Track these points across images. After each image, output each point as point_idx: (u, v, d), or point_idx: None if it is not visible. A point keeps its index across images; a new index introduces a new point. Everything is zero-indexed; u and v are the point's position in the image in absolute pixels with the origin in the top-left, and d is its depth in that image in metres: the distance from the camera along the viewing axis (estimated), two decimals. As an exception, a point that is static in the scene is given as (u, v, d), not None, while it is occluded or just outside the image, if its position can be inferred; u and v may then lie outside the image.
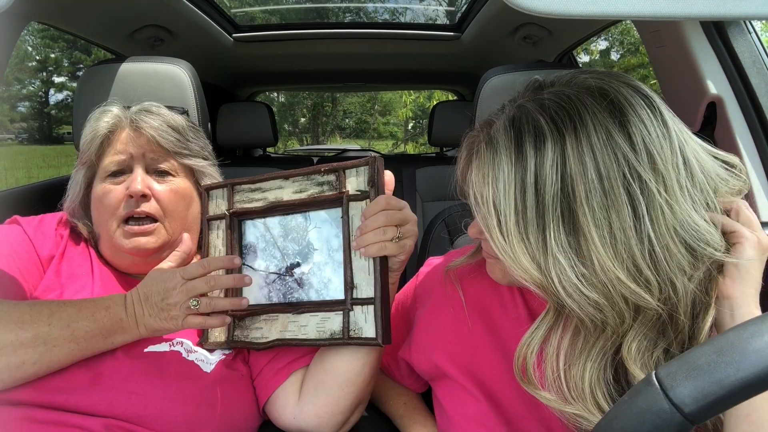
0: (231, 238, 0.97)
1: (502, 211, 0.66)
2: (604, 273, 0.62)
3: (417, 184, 2.67)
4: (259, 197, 0.95)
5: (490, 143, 0.69)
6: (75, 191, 1.07)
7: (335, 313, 0.90)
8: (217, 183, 1.02)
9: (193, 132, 1.11)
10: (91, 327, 0.86)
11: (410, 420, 1.02)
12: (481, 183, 0.69)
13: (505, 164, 0.66)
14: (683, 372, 0.46)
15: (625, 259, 0.62)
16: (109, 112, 1.06)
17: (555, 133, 0.65)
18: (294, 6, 5.36)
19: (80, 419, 0.86)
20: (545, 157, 0.64)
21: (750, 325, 0.48)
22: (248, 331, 0.96)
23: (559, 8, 0.54)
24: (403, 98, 18.37)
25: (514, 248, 0.65)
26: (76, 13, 1.76)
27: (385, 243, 0.84)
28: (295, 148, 14.03)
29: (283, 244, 0.95)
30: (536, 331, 0.69)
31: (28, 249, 1.00)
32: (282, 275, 0.95)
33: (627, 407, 0.48)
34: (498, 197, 0.66)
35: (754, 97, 1.21)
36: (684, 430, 0.45)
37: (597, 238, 0.62)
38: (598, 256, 0.62)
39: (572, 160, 0.63)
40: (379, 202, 0.85)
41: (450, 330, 0.92)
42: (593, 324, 0.64)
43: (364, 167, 0.88)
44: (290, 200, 0.92)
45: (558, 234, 0.63)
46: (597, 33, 2.24)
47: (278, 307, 0.95)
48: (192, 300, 0.87)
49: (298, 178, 0.92)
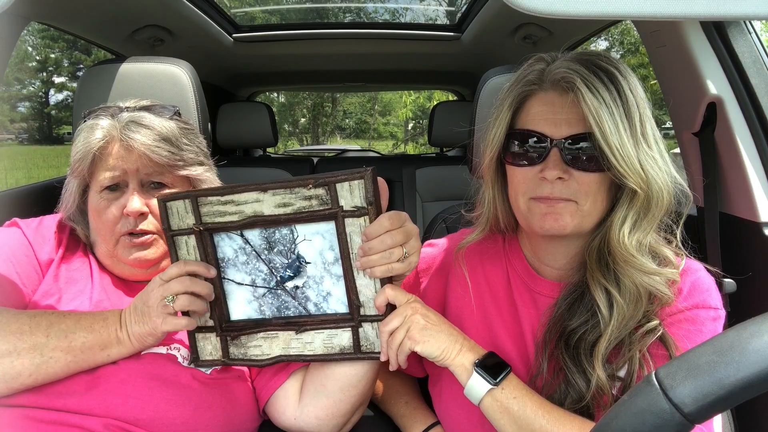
0: (205, 254, 0.90)
1: (613, 127, 0.80)
2: (663, 163, 0.84)
3: (417, 184, 2.67)
4: (233, 210, 0.87)
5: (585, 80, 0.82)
6: (70, 200, 1.05)
7: (343, 330, 0.89)
8: (174, 194, 0.92)
9: (186, 137, 1.06)
10: (88, 338, 0.87)
11: (411, 419, 1.02)
12: (597, 111, 0.81)
13: (604, 92, 0.81)
14: (683, 372, 0.46)
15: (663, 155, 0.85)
16: (99, 127, 1.01)
17: (616, 72, 0.83)
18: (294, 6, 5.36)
19: (80, 419, 0.86)
20: (621, 85, 0.82)
21: (750, 325, 0.48)
22: (246, 349, 0.94)
23: (560, 8, 0.54)
24: (403, 98, 18.38)
25: (629, 155, 0.81)
26: (76, 13, 1.76)
27: (392, 265, 0.83)
28: (295, 148, 14.01)
29: (268, 257, 0.90)
30: (624, 218, 0.85)
31: (27, 253, 0.99)
32: (273, 289, 0.91)
33: (627, 407, 0.48)
34: (608, 117, 0.81)
35: (754, 97, 1.21)
36: (684, 430, 0.45)
37: (652, 140, 0.83)
38: (659, 152, 0.84)
39: (635, 91, 0.83)
40: (382, 223, 0.82)
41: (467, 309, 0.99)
42: (658, 205, 0.84)
43: (358, 181, 0.81)
44: (273, 215, 0.85)
45: (643, 138, 0.82)
46: (597, 33, 2.24)
47: (277, 325, 0.92)
48: (168, 296, 0.86)
49: (279, 191, 0.84)
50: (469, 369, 0.83)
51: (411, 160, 2.94)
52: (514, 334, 0.95)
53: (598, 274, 0.87)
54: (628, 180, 0.81)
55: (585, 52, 0.89)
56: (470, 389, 0.83)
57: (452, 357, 0.84)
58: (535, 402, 0.83)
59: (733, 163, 1.23)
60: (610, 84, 0.81)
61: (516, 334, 0.95)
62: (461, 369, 0.84)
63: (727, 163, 1.25)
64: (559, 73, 0.84)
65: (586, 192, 0.85)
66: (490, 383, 0.82)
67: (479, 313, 0.98)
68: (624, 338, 0.85)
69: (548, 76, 0.87)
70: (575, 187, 0.85)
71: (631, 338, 0.85)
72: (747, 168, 1.20)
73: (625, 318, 0.84)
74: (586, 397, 0.84)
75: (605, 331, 0.84)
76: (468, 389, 0.83)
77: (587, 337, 0.86)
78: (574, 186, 0.85)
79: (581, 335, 0.87)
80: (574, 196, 0.85)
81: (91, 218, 1.04)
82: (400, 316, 0.85)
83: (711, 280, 0.89)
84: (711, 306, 0.86)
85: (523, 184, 0.88)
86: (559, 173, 0.84)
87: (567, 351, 0.87)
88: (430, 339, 0.84)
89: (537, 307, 0.95)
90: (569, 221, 0.86)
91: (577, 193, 0.85)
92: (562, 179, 0.84)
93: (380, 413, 1.08)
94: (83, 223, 1.07)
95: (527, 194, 0.88)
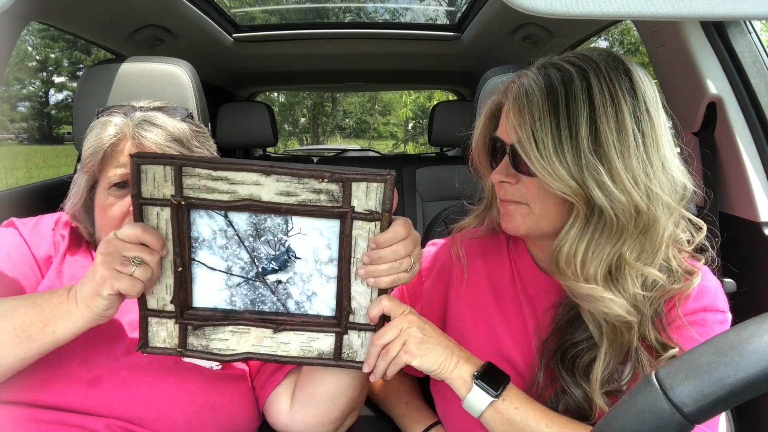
0: (179, 231, 0.78)
1: (539, 135, 0.80)
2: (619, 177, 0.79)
3: (417, 184, 2.67)
4: (225, 189, 0.76)
5: (523, 87, 0.83)
6: (77, 196, 1.05)
7: (325, 334, 0.83)
8: (155, 156, 0.79)
9: (198, 140, 1.06)
10: (29, 313, 0.80)
11: (411, 420, 1.02)
12: (518, 116, 0.82)
13: (539, 98, 0.81)
14: (683, 372, 0.46)
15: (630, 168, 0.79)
16: (111, 124, 1.01)
17: (579, 72, 0.81)
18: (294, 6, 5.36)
19: (81, 419, 0.86)
20: (575, 88, 0.80)
21: (750, 325, 0.48)
22: (208, 341, 0.84)
23: (560, 8, 0.54)
24: (403, 98, 18.39)
25: (552, 162, 0.79)
26: (76, 13, 1.76)
27: (399, 275, 0.79)
28: (295, 148, 14.03)
29: (252, 245, 0.81)
30: (568, 233, 0.83)
31: (23, 251, 0.99)
32: (251, 280, 0.82)
33: (627, 407, 0.48)
34: (535, 124, 0.80)
35: (754, 97, 1.21)
36: (684, 430, 0.45)
37: (614, 151, 0.79)
38: (615, 165, 0.79)
39: (595, 90, 0.80)
40: (398, 231, 0.77)
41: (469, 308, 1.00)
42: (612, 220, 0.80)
43: (377, 185, 0.75)
44: (271, 202, 0.76)
45: (590, 147, 0.79)
46: (597, 33, 2.24)
47: (249, 320, 0.83)
48: (134, 257, 0.75)
49: (285, 178, 0.75)
50: (469, 382, 0.82)
51: (411, 160, 2.94)
52: (517, 333, 0.95)
53: None
54: (555, 189, 0.80)
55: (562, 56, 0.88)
56: (470, 402, 0.82)
57: (449, 370, 0.83)
58: (537, 411, 0.82)
59: (733, 163, 1.24)
60: (558, 86, 0.81)
61: (519, 333, 0.95)
62: (460, 382, 0.82)
63: (727, 163, 1.25)
64: (512, 81, 0.88)
65: (533, 196, 0.85)
66: (491, 395, 0.81)
67: (481, 311, 0.99)
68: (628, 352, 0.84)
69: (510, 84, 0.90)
70: (523, 190, 0.86)
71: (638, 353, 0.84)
72: (747, 168, 1.21)
73: (611, 341, 0.83)
74: (583, 406, 0.84)
75: (599, 354, 0.83)
76: (467, 402, 0.82)
77: (583, 355, 0.86)
78: (522, 189, 0.86)
79: (577, 352, 0.86)
80: (524, 198, 0.87)
81: (97, 215, 1.04)
82: (395, 328, 0.82)
83: (717, 283, 0.89)
84: (719, 309, 0.86)
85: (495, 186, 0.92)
86: (501, 177, 0.88)
87: (563, 364, 0.87)
88: (427, 353, 0.82)
89: (542, 304, 0.95)
90: (521, 223, 0.88)
91: (526, 196, 0.86)
92: (509, 183, 0.87)
93: (380, 413, 1.08)
94: (87, 221, 1.07)
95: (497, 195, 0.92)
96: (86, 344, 0.89)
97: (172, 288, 0.81)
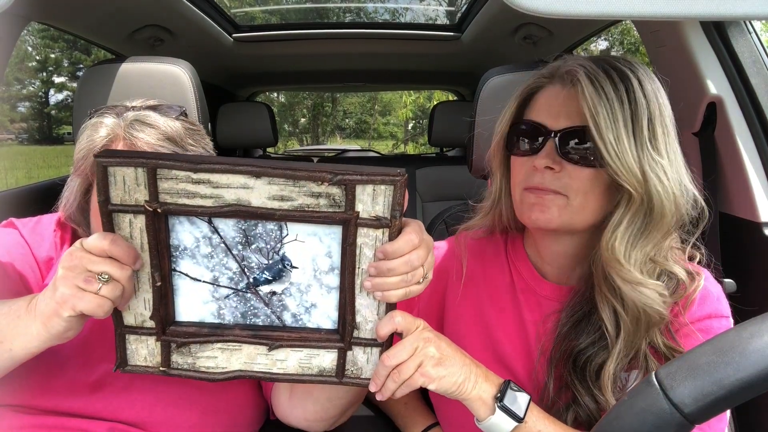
0: (156, 240, 0.69)
1: (613, 123, 0.80)
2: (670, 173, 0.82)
3: (417, 184, 2.67)
4: (207, 193, 0.66)
5: (589, 75, 0.82)
6: (70, 199, 1.03)
7: (327, 351, 0.76)
8: (124, 156, 0.66)
9: (192, 138, 1.04)
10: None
11: (411, 420, 1.03)
12: (595, 98, 0.81)
13: (608, 87, 0.81)
14: (683, 372, 0.46)
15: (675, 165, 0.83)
16: (103, 125, 0.99)
17: (633, 74, 0.83)
18: (294, 6, 5.36)
19: (84, 423, 0.85)
20: (633, 84, 0.82)
21: (750, 325, 0.48)
22: (194, 359, 0.76)
23: (560, 8, 0.54)
24: (403, 98, 18.37)
25: (625, 152, 0.80)
26: (76, 13, 1.76)
27: (411, 288, 0.70)
28: (295, 148, 14.01)
29: (241, 254, 0.72)
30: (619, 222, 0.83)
31: (23, 252, 0.99)
32: (241, 291, 0.74)
33: (627, 407, 0.48)
34: (612, 112, 0.80)
35: (754, 97, 1.21)
36: (684, 430, 0.45)
37: (664, 148, 0.82)
38: (667, 160, 0.82)
39: (648, 91, 0.82)
40: (411, 239, 0.68)
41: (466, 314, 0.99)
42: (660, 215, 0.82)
43: (386, 187, 0.66)
44: (263, 208, 0.67)
45: (649, 141, 0.81)
46: (597, 33, 2.24)
47: (241, 336, 0.75)
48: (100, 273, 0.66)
49: (277, 180, 0.66)
50: (490, 405, 0.76)
51: (411, 160, 2.94)
52: (515, 339, 0.94)
53: (606, 290, 0.84)
54: (621, 179, 0.79)
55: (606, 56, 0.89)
56: (491, 427, 0.77)
57: (468, 391, 0.77)
58: (558, 430, 0.79)
59: (733, 163, 1.24)
60: (619, 82, 0.81)
61: (518, 339, 0.94)
62: (479, 403, 0.77)
63: (727, 163, 1.25)
64: (567, 67, 0.86)
65: (577, 187, 0.83)
66: (516, 420, 0.76)
67: (478, 315, 0.98)
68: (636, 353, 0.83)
69: (558, 70, 0.88)
70: (567, 180, 0.83)
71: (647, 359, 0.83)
72: (747, 168, 1.21)
73: (629, 336, 0.82)
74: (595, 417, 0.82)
75: (612, 352, 0.82)
76: (488, 426, 0.77)
77: (595, 359, 0.84)
78: (565, 179, 0.83)
79: (589, 356, 0.85)
80: (565, 189, 0.83)
81: (92, 218, 1.03)
82: (410, 347, 0.74)
83: (719, 287, 0.88)
84: (723, 315, 0.85)
85: (520, 173, 0.88)
86: (548, 162, 0.83)
87: (575, 373, 0.85)
88: (445, 375, 0.75)
89: (542, 311, 0.93)
90: (556, 215, 0.84)
91: (568, 186, 0.83)
92: (552, 169, 0.83)
93: (380, 413, 1.08)
94: (84, 223, 1.06)
95: (522, 184, 0.88)
96: (87, 347, 0.89)
97: (151, 303, 0.72)
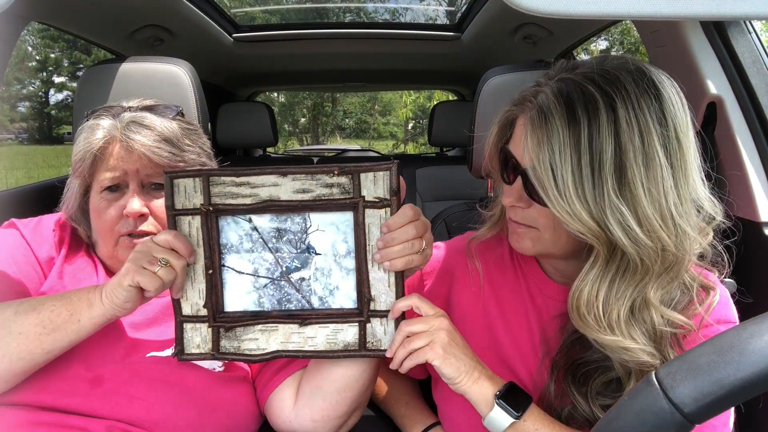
0: (209, 237, 0.86)
1: (559, 171, 0.74)
2: (647, 219, 0.73)
3: (417, 184, 2.67)
4: (248, 193, 0.84)
5: (542, 111, 0.77)
6: (72, 200, 1.04)
7: (349, 325, 0.87)
8: (185, 171, 0.87)
9: (189, 138, 1.05)
10: (58, 305, 0.83)
11: (412, 420, 1.02)
12: (537, 146, 0.76)
13: (560, 128, 0.74)
14: (683, 372, 0.46)
15: (658, 208, 0.74)
16: (99, 127, 1.00)
17: (605, 99, 0.74)
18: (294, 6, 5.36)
19: (83, 421, 0.85)
20: (600, 119, 0.73)
21: (750, 325, 0.48)
22: (239, 342, 0.89)
23: (560, 8, 0.54)
24: (403, 98, 18.39)
25: (572, 202, 0.74)
26: (76, 13, 1.76)
27: (412, 256, 0.81)
28: (295, 148, 14.01)
29: (275, 246, 0.87)
30: (587, 275, 0.79)
31: (25, 253, 0.99)
32: (276, 280, 0.88)
33: (627, 407, 0.48)
34: (554, 158, 0.74)
35: (754, 97, 1.21)
36: (684, 430, 0.45)
37: (641, 191, 0.73)
38: (642, 206, 0.73)
39: (623, 123, 0.73)
40: (406, 213, 0.80)
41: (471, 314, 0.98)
42: (636, 264, 0.75)
43: (383, 173, 0.81)
44: (290, 200, 0.84)
45: (614, 187, 0.73)
46: (597, 33, 2.24)
47: (277, 318, 0.88)
48: (162, 257, 0.81)
49: (299, 176, 0.83)
50: (490, 400, 0.80)
51: (411, 160, 2.94)
52: (520, 341, 0.94)
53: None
54: (570, 228, 0.75)
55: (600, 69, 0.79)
56: (491, 421, 0.81)
57: (468, 384, 0.81)
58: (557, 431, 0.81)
59: (733, 163, 1.23)
60: (582, 116, 0.74)
61: (522, 341, 0.94)
62: (480, 397, 0.81)
63: (727, 163, 1.25)
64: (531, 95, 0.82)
65: (544, 223, 0.82)
66: (513, 416, 0.80)
67: (483, 317, 0.97)
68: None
69: (525, 99, 0.83)
70: (534, 215, 0.83)
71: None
72: (747, 168, 1.21)
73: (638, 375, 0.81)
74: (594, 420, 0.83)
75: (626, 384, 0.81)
76: (489, 421, 0.81)
77: (596, 377, 0.84)
78: (533, 214, 0.83)
79: (588, 371, 0.85)
80: (534, 223, 0.83)
81: (92, 218, 1.04)
82: (426, 324, 0.81)
83: (726, 292, 0.87)
84: (732, 320, 0.85)
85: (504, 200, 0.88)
86: (513, 201, 0.84)
87: (574, 383, 0.85)
88: (451, 358, 0.80)
89: (548, 311, 0.93)
90: (530, 245, 0.86)
91: (537, 221, 0.83)
92: (520, 207, 0.84)
93: (380, 413, 1.08)
94: (85, 223, 1.06)
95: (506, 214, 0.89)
96: (87, 346, 0.89)
97: (205, 292, 0.87)
